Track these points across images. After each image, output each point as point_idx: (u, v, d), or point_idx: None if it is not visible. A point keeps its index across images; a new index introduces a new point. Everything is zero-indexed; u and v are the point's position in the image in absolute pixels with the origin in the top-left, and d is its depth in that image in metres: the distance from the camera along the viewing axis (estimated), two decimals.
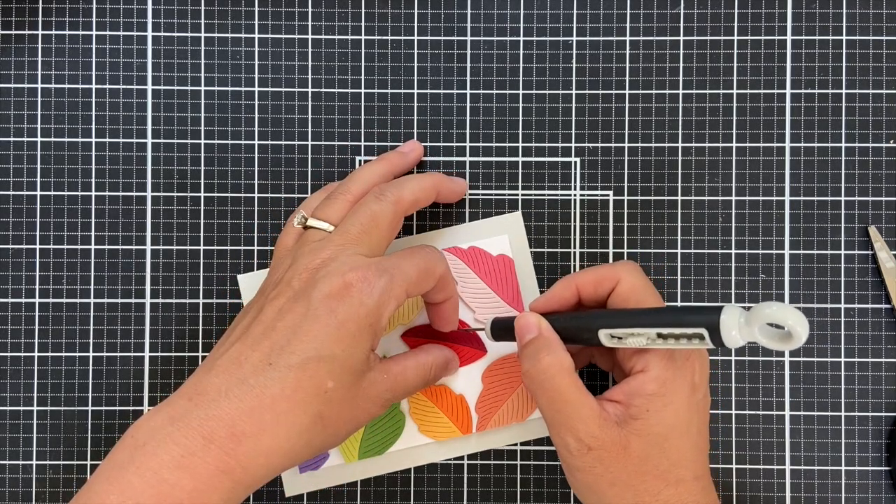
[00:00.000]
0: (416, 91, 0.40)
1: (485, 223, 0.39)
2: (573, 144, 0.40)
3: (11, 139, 0.40)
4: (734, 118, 0.40)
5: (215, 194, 0.40)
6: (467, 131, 0.40)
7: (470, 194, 0.40)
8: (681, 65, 0.40)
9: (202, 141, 0.40)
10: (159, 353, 0.40)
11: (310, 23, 0.40)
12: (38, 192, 0.40)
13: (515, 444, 0.39)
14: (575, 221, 0.40)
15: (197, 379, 0.30)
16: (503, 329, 0.35)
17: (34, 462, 0.39)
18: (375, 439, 0.38)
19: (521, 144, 0.40)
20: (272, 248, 0.39)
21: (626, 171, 0.40)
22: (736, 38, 0.40)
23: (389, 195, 0.33)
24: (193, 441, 0.28)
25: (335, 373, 0.30)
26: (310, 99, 0.40)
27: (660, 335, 0.30)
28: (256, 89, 0.40)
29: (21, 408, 0.40)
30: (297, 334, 0.30)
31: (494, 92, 0.40)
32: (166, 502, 0.27)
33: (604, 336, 0.31)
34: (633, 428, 0.31)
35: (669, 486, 0.31)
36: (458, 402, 0.38)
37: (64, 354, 0.40)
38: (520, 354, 0.34)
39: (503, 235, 0.39)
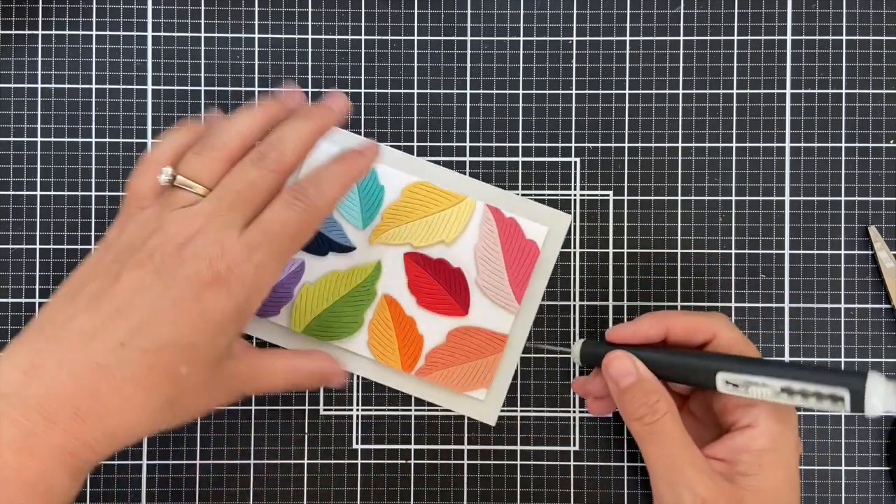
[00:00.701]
0: (416, 91, 0.40)
1: (536, 206, 0.39)
2: (573, 144, 0.40)
3: (11, 139, 0.40)
4: (734, 118, 0.40)
5: None
6: (467, 131, 0.40)
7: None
8: (681, 65, 0.40)
9: None
10: None
11: (310, 23, 0.40)
12: (38, 192, 0.40)
13: (444, 410, 0.39)
14: (575, 221, 0.40)
15: (35, 346, 0.28)
16: (595, 356, 0.35)
17: None
18: (326, 326, 0.38)
19: (521, 144, 0.40)
20: None
21: (626, 171, 0.40)
22: (736, 38, 0.40)
23: (271, 160, 0.31)
24: (34, 422, 0.26)
25: (191, 360, 0.28)
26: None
27: (785, 390, 0.29)
28: (256, 89, 0.40)
29: None
30: (156, 316, 0.28)
31: (494, 92, 0.40)
32: (11, 487, 0.26)
33: (721, 381, 0.30)
34: (745, 484, 0.30)
35: None
36: (415, 340, 0.38)
37: None
38: (620, 400, 0.32)
39: (545, 227, 0.39)
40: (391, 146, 0.39)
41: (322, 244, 0.39)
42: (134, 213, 0.31)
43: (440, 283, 0.39)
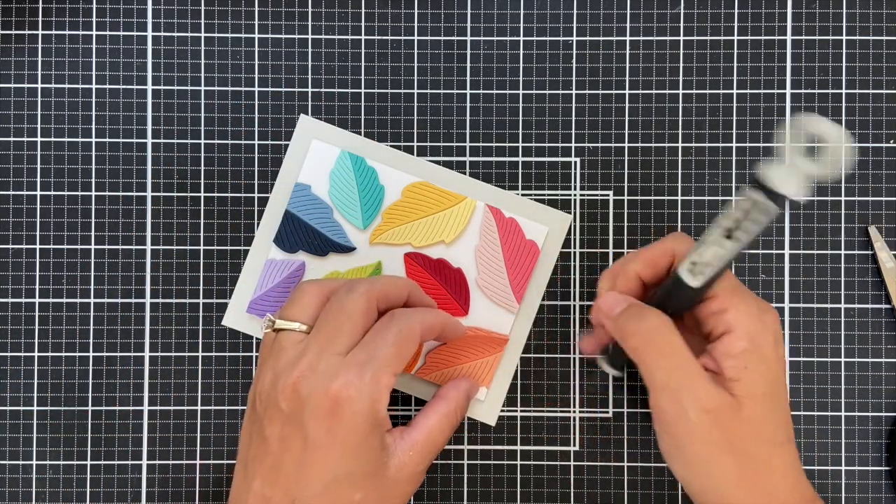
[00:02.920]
0: (416, 91, 0.40)
1: (536, 206, 0.39)
2: (573, 144, 0.40)
3: (11, 139, 0.40)
4: (734, 118, 0.40)
5: (215, 194, 0.40)
6: (467, 131, 0.40)
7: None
8: (681, 65, 0.40)
9: (202, 141, 0.40)
10: (159, 353, 0.40)
11: (310, 23, 0.40)
12: (38, 192, 0.40)
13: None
14: (575, 221, 0.40)
15: None
16: (621, 354, 0.34)
17: (34, 462, 0.39)
18: None
19: (521, 144, 0.40)
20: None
21: (626, 171, 0.40)
22: (736, 38, 0.40)
23: (359, 287, 0.32)
24: None
25: (358, 484, 0.30)
26: (310, 99, 0.40)
27: (728, 235, 0.29)
28: (256, 89, 0.40)
29: (21, 408, 0.40)
30: (306, 466, 0.30)
31: (494, 92, 0.40)
32: None
33: (685, 272, 0.30)
34: (738, 391, 0.30)
35: (775, 452, 0.30)
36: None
37: (64, 354, 0.40)
38: (617, 324, 0.32)
39: (545, 227, 0.39)
40: (391, 146, 0.39)
41: (322, 245, 0.39)
42: (259, 369, 0.33)
43: (440, 284, 0.39)
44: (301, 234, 0.38)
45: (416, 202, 0.39)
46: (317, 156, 0.39)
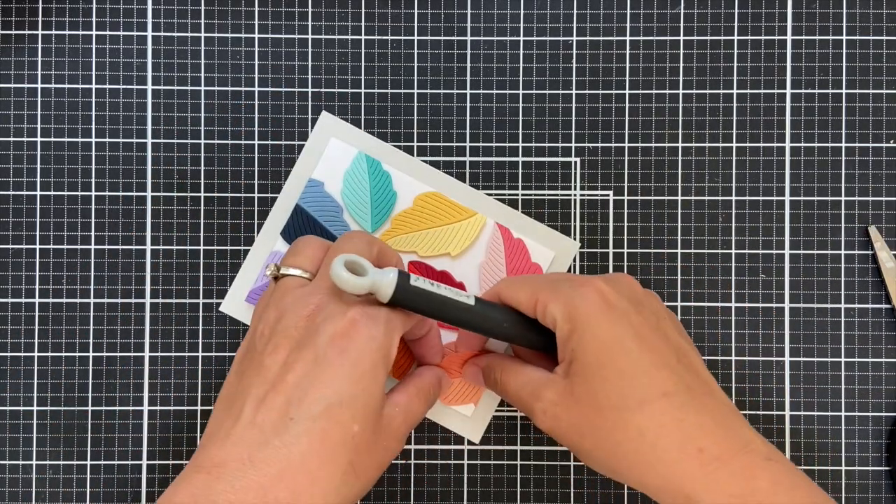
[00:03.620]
0: (416, 91, 0.40)
1: (545, 230, 0.39)
2: (573, 144, 0.40)
3: (11, 139, 0.40)
4: (734, 118, 0.40)
5: (215, 194, 0.40)
6: (467, 131, 0.40)
7: None
8: (681, 65, 0.40)
9: (202, 141, 0.40)
10: (159, 353, 0.40)
11: (310, 23, 0.40)
12: (38, 192, 0.40)
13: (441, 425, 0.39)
14: (575, 221, 0.40)
15: (210, 451, 0.28)
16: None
17: (34, 462, 0.39)
18: None
19: (521, 144, 0.40)
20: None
21: (626, 171, 0.40)
22: (736, 38, 0.40)
23: (363, 237, 0.32)
24: None
25: (359, 415, 0.28)
26: (310, 99, 0.40)
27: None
28: (256, 89, 0.40)
29: (21, 408, 0.40)
30: (313, 382, 0.28)
31: (494, 92, 0.40)
32: None
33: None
34: (571, 372, 0.30)
35: (635, 414, 0.29)
36: (409, 349, 0.38)
37: (64, 354, 0.40)
38: (486, 386, 0.36)
39: (551, 252, 0.39)
40: (403, 150, 0.39)
41: None
42: (259, 314, 0.32)
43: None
44: (309, 230, 0.38)
45: (426, 212, 0.39)
46: (334, 154, 0.39)
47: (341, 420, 0.28)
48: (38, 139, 0.40)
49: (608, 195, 0.40)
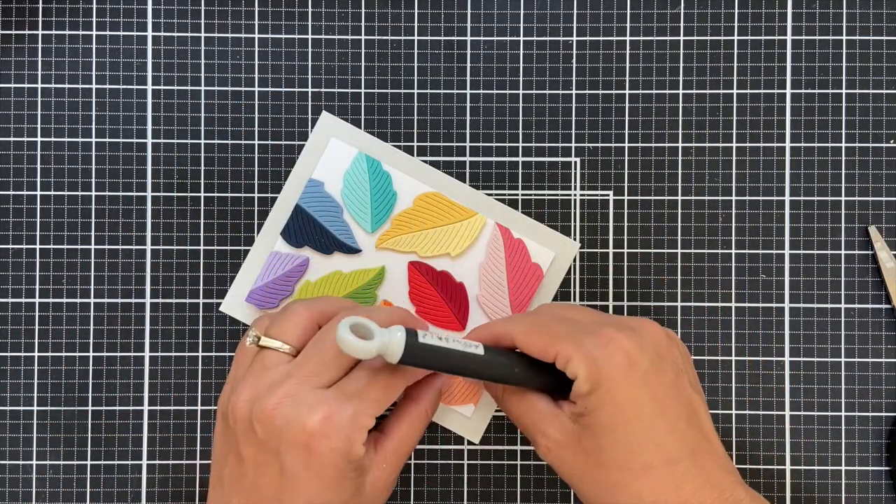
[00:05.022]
0: (416, 91, 0.40)
1: (545, 230, 0.39)
2: (573, 144, 0.40)
3: (11, 139, 0.40)
4: (734, 118, 0.40)
5: (215, 194, 0.40)
6: (467, 131, 0.40)
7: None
8: (681, 65, 0.40)
9: (202, 141, 0.40)
10: (159, 353, 0.40)
11: (310, 23, 0.40)
12: (38, 192, 0.40)
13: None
14: (575, 221, 0.40)
15: None
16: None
17: (34, 462, 0.39)
18: None
19: (521, 144, 0.40)
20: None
21: (626, 171, 0.40)
22: (736, 38, 0.40)
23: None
24: None
25: None
26: (310, 99, 0.40)
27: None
28: (256, 89, 0.40)
29: (21, 408, 0.40)
30: (283, 493, 0.30)
31: (494, 92, 0.40)
32: None
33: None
34: (582, 423, 0.31)
35: (638, 478, 0.30)
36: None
37: (64, 354, 0.40)
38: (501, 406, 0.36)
39: (552, 252, 0.39)
40: (403, 150, 0.39)
41: (329, 243, 0.39)
42: (236, 379, 0.33)
43: (441, 296, 0.38)
44: (309, 230, 0.38)
45: (426, 212, 0.39)
46: (334, 154, 0.39)
47: None
48: (38, 139, 0.40)
49: (608, 195, 0.40)
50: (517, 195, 0.40)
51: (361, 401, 0.31)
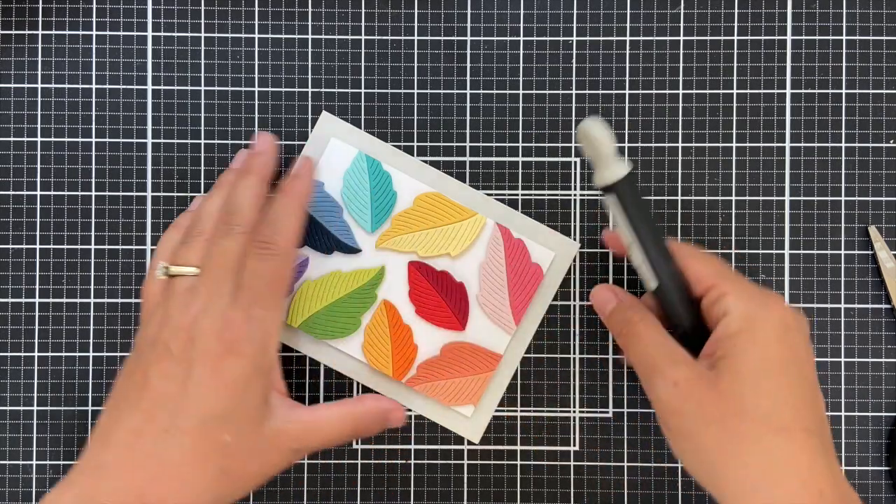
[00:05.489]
0: (416, 91, 0.40)
1: (545, 230, 0.39)
2: (573, 144, 0.40)
3: (11, 139, 0.40)
4: (734, 118, 0.40)
5: None
6: (467, 131, 0.40)
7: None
8: (681, 65, 0.40)
9: (202, 141, 0.40)
10: None
11: (310, 23, 0.40)
12: (38, 192, 0.40)
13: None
14: (575, 221, 0.40)
15: (95, 453, 0.31)
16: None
17: (34, 462, 0.39)
18: (322, 324, 0.38)
19: (521, 144, 0.40)
20: None
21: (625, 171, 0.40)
22: (736, 38, 0.40)
23: (235, 225, 0.34)
24: None
25: (231, 427, 0.31)
26: (310, 99, 0.40)
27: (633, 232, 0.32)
28: (256, 89, 0.40)
29: (21, 408, 0.40)
30: (186, 398, 0.31)
31: (494, 92, 0.40)
32: None
33: (644, 281, 0.33)
34: (722, 367, 0.30)
35: (774, 434, 0.29)
36: (409, 349, 0.38)
37: (64, 354, 0.40)
38: (607, 323, 0.35)
39: (551, 252, 0.39)
40: (403, 150, 0.39)
41: (328, 243, 0.39)
42: (150, 313, 0.34)
43: (441, 296, 0.38)
44: (308, 230, 0.38)
45: (426, 212, 0.39)
46: (333, 154, 0.39)
47: (212, 433, 0.31)
48: (38, 139, 0.40)
49: None
50: (517, 195, 0.40)
51: (262, 302, 0.33)
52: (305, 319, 0.38)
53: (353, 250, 0.39)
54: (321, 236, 0.38)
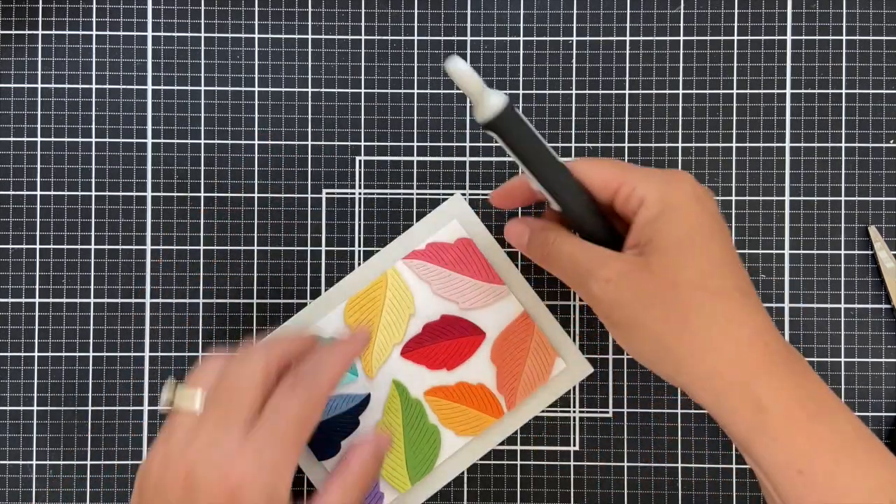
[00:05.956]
0: (416, 91, 0.40)
1: (432, 216, 0.39)
2: (573, 144, 0.40)
3: (11, 139, 0.40)
4: (734, 118, 0.40)
5: (215, 194, 0.40)
6: (467, 131, 0.40)
7: (470, 194, 0.40)
8: (681, 65, 0.40)
9: (202, 141, 0.40)
10: (159, 353, 0.40)
11: (310, 23, 0.40)
12: (38, 192, 0.40)
13: (550, 411, 0.39)
14: None
15: None
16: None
17: (34, 462, 0.39)
18: (419, 459, 0.38)
19: None
20: (273, 247, 0.39)
21: None
22: (736, 38, 0.40)
23: (255, 353, 0.31)
24: None
25: None
26: (310, 99, 0.40)
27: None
28: (256, 89, 0.40)
29: (21, 408, 0.40)
30: None
31: None
32: None
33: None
34: (649, 250, 0.30)
35: (713, 298, 0.29)
36: (479, 391, 0.38)
37: (64, 354, 0.40)
38: (528, 253, 0.34)
39: (453, 221, 0.39)
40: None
41: (339, 430, 0.38)
42: (154, 447, 0.31)
43: (446, 337, 0.38)
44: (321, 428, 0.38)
45: (363, 313, 0.38)
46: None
47: None
48: (38, 139, 0.40)
49: None
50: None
51: (279, 442, 0.29)
52: (409, 475, 0.38)
53: (362, 405, 0.38)
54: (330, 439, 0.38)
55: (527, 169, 0.31)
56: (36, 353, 0.40)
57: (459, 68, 0.28)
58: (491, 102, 0.29)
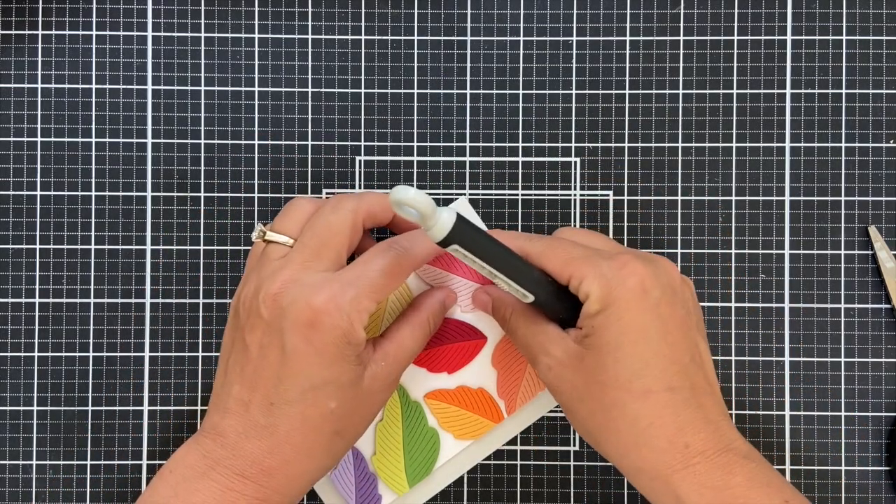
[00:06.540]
0: (416, 91, 0.40)
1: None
2: (573, 144, 0.40)
3: (11, 139, 0.40)
4: (734, 118, 0.40)
5: (215, 194, 0.40)
6: (467, 131, 0.40)
7: (470, 195, 0.40)
8: (681, 65, 0.40)
9: (202, 141, 0.40)
10: (159, 353, 0.40)
11: (310, 23, 0.40)
12: (38, 192, 0.40)
13: (551, 412, 0.39)
14: (575, 221, 0.40)
15: (215, 420, 0.32)
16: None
17: (34, 462, 0.39)
18: (418, 463, 0.38)
19: (521, 144, 0.40)
20: None
21: (626, 171, 0.40)
22: (736, 38, 0.40)
23: (346, 203, 0.33)
24: (230, 478, 0.31)
25: (333, 393, 0.31)
26: (310, 99, 0.40)
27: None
28: (256, 89, 0.40)
29: (21, 408, 0.40)
30: (285, 371, 0.31)
31: (494, 92, 0.40)
32: None
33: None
34: (587, 343, 0.31)
35: (636, 400, 0.30)
36: (479, 395, 0.38)
37: (64, 354, 0.40)
38: (496, 319, 0.37)
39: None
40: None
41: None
42: (247, 276, 0.34)
43: (443, 342, 0.38)
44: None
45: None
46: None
47: (317, 401, 0.31)
48: (38, 139, 0.40)
49: (608, 195, 0.40)
50: (517, 195, 0.40)
51: (363, 284, 0.31)
52: (407, 478, 0.38)
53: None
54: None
55: (494, 270, 0.31)
56: (36, 353, 0.40)
57: (410, 196, 0.28)
58: (444, 218, 0.29)
